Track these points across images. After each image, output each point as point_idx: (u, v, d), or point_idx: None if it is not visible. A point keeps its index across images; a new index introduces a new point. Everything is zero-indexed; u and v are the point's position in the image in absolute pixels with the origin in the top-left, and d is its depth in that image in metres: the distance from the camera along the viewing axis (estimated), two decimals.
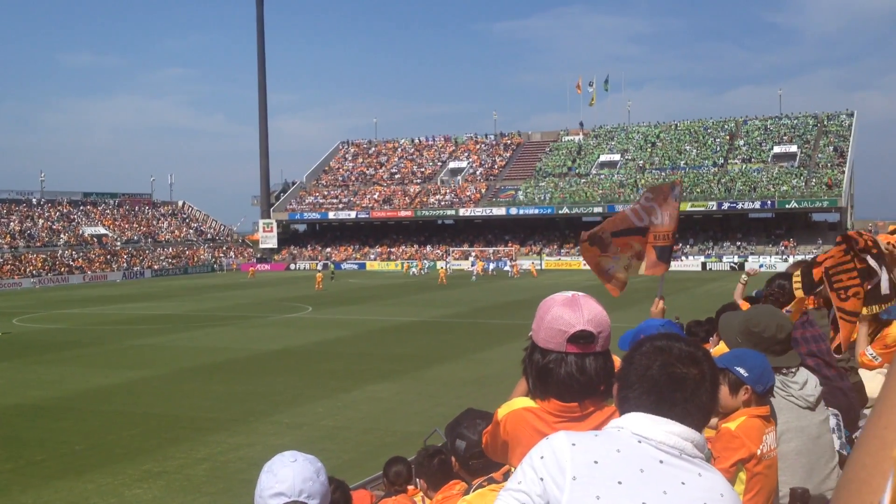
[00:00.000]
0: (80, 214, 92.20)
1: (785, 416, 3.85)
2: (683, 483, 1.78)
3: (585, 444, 1.82)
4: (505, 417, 2.66)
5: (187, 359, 28.73)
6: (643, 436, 1.83)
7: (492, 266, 75.95)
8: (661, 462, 1.79)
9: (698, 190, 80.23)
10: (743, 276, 9.79)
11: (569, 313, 2.50)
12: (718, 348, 5.43)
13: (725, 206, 77.85)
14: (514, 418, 2.63)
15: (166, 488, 14.81)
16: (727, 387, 3.51)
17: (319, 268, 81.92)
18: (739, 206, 77.49)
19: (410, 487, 5.96)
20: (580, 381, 2.50)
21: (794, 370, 3.97)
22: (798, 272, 5.54)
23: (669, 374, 1.91)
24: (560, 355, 2.50)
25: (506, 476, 2.73)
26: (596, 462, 1.77)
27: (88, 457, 16.84)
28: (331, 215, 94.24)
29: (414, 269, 76.90)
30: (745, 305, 6.89)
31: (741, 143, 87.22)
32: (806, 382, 3.93)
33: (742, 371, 3.51)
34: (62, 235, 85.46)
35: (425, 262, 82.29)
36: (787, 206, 75.59)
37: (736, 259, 74.67)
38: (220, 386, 23.93)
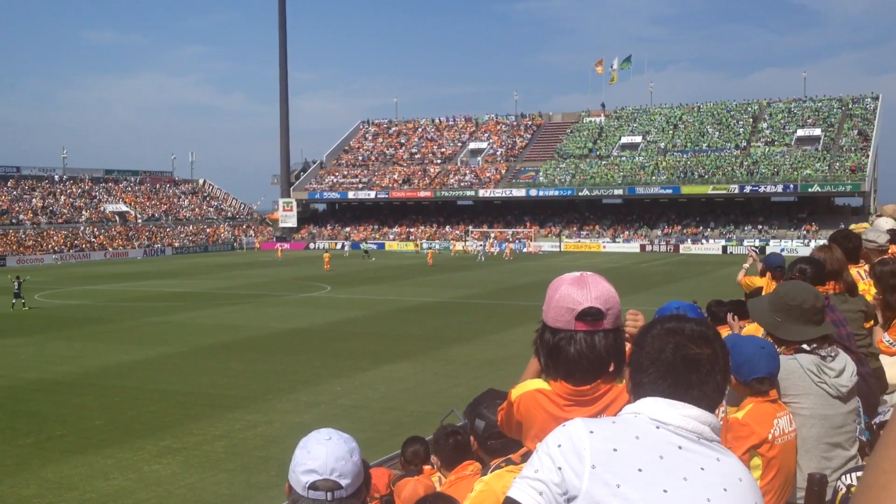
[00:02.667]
0: (102, 191, 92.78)
1: (812, 402, 3.80)
2: (703, 468, 1.76)
3: (603, 431, 1.79)
4: (518, 398, 2.66)
5: (207, 336, 28.92)
6: (661, 420, 1.81)
7: (478, 245, 75.62)
8: (679, 448, 1.77)
9: (720, 173, 79.69)
10: (745, 264, 9.75)
11: (576, 291, 2.50)
12: (749, 328, 5.40)
13: (747, 189, 77.29)
14: (527, 400, 2.63)
15: (185, 464, 14.94)
16: None
17: (338, 247, 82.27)
18: (762, 189, 76.90)
19: (427, 467, 5.97)
20: (590, 359, 2.50)
21: (833, 355, 3.90)
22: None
23: (683, 356, 1.88)
24: (569, 333, 2.51)
25: (524, 458, 2.71)
26: (615, 450, 1.75)
27: (108, 432, 17.01)
28: (350, 195, 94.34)
29: (481, 251, 72.10)
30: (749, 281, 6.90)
31: (764, 125, 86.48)
32: (843, 370, 3.85)
33: None
34: (84, 212, 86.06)
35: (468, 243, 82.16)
36: (809, 189, 74.97)
37: (757, 243, 74.19)
38: (238, 364, 24.08)
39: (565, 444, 1.78)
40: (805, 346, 3.90)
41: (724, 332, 5.87)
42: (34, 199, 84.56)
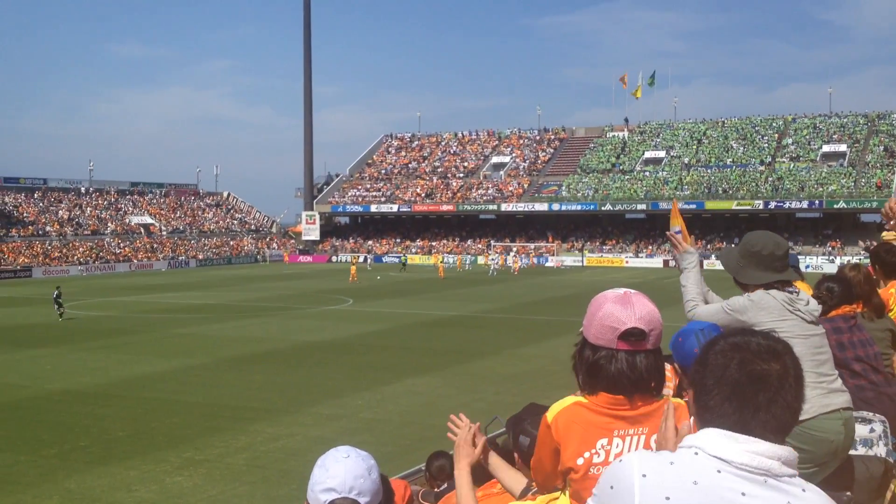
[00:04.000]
0: (128, 203, 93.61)
1: (790, 325, 3.93)
2: None
3: (658, 475, 1.68)
4: (556, 416, 2.62)
5: (229, 348, 29.04)
6: (723, 459, 1.68)
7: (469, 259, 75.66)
8: (743, 494, 1.64)
9: (745, 189, 79.27)
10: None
11: (620, 310, 2.50)
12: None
13: (772, 205, 76.80)
14: (566, 414, 2.60)
15: (207, 476, 14.98)
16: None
17: (361, 259, 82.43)
18: (787, 205, 76.40)
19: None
20: (630, 378, 2.49)
21: (797, 292, 4.08)
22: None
23: (749, 373, 1.75)
24: (611, 352, 2.51)
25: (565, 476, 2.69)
26: (668, 498, 1.65)
27: (131, 443, 17.09)
28: (373, 208, 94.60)
29: (494, 265, 72.14)
30: None
31: (789, 141, 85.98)
32: (808, 301, 4.05)
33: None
34: (109, 224, 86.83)
35: (468, 257, 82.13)
36: (835, 206, 74.40)
37: None
38: (260, 376, 24.15)
39: (617, 485, 1.71)
40: (774, 285, 4.07)
41: None
42: (61, 211, 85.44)
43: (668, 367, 3.15)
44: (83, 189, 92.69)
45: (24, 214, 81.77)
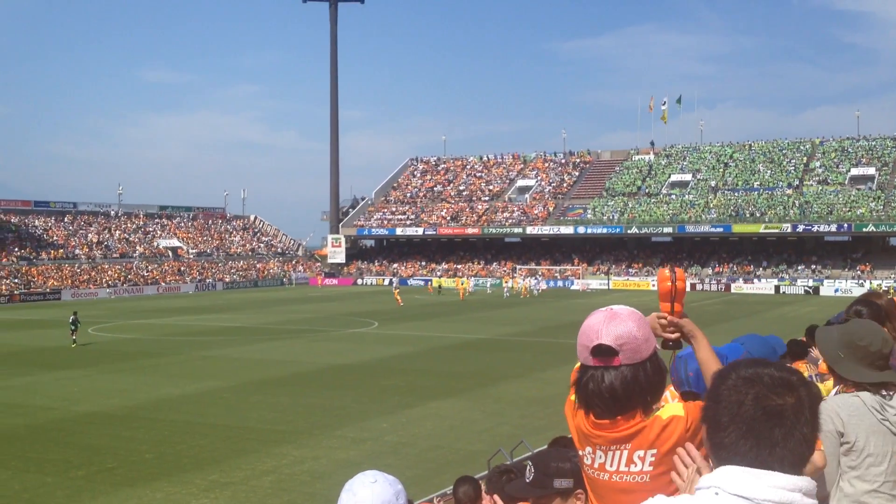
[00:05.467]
0: (156, 227, 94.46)
1: (877, 440, 3.76)
2: None
3: None
4: (567, 404, 2.72)
5: (255, 371, 29.12)
6: (745, 497, 1.65)
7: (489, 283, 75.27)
8: None
9: (773, 212, 78.72)
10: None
11: (594, 326, 2.53)
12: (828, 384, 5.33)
13: (800, 228, 76.17)
14: (569, 408, 2.70)
15: (232, 499, 14.99)
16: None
17: (385, 283, 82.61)
18: (815, 228, 75.73)
19: None
20: (601, 396, 2.49)
21: (891, 394, 3.85)
22: None
23: (765, 409, 1.71)
24: (589, 369, 2.54)
25: None
26: None
27: (158, 465, 17.15)
28: (398, 231, 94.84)
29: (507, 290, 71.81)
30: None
31: (817, 164, 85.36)
32: None
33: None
34: (137, 247, 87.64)
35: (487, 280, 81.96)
36: (864, 229, 73.65)
37: (811, 283, 72.95)
38: (286, 399, 24.18)
39: None
40: (867, 386, 3.86)
41: (802, 367, 5.74)
42: (90, 234, 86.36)
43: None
44: (112, 212, 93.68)
45: (54, 237, 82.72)
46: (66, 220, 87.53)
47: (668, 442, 2.45)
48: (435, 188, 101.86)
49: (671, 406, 2.59)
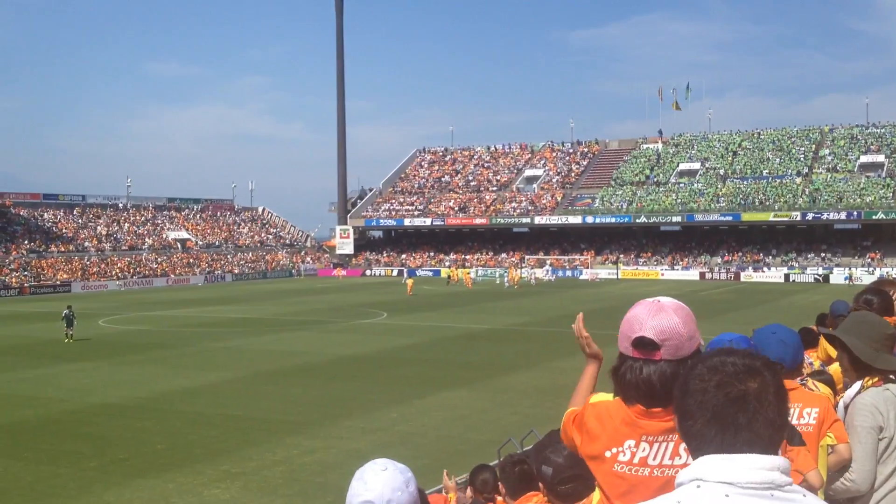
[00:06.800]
0: (165, 219, 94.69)
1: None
2: None
3: None
4: (591, 406, 2.69)
5: (265, 362, 29.22)
6: (728, 482, 1.67)
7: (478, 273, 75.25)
8: None
9: (782, 200, 78.47)
10: None
11: (639, 318, 2.51)
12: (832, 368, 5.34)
13: (810, 216, 75.93)
14: (600, 407, 2.66)
15: (243, 489, 15.07)
16: None
17: (394, 274, 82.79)
18: (824, 216, 75.49)
19: (500, 499, 5.95)
20: (640, 388, 2.49)
21: None
22: None
23: (727, 395, 1.75)
24: (628, 359, 2.53)
25: None
26: None
27: (169, 456, 17.24)
28: (406, 222, 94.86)
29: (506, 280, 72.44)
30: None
31: (826, 152, 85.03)
32: None
33: None
34: (147, 239, 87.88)
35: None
36: (873, 216, 73.38)
37: (820, 271, 72.75)
38: (296, 389, 24.26)
39: None
40: (892, 377, 3.87)
41: (813, 355, 5.76)
42: (99, 227, 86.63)
43: None
44: (121, 205, 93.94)
45: (64, 230, 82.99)
46: (75, 212, 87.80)
47: None
48: (442, 178, 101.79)
49: None
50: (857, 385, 4.08)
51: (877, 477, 3.87)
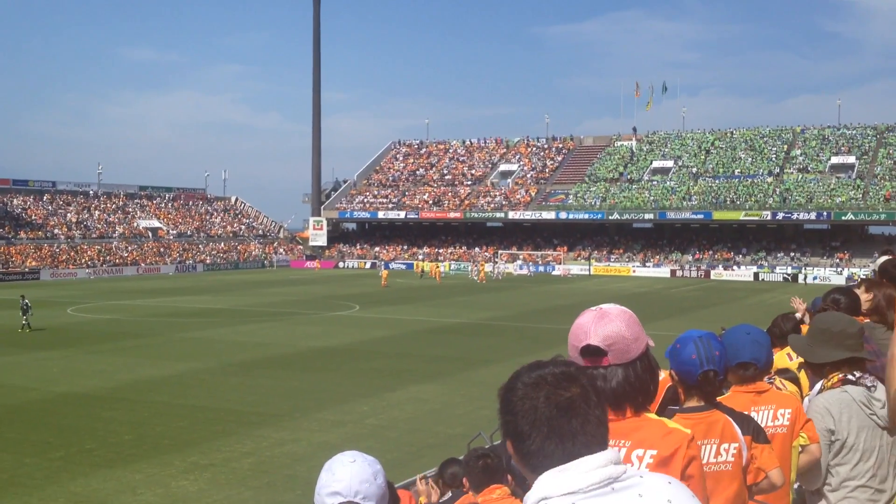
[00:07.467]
0: (136, 207, 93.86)
1: (867, 435, 3.87)
2: None
3: None
4: None
5: (235, 353, 29.09)
6: (571, 492, 1.70)
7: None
8: None
9: (753, 199, 79.15)
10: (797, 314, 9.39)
11: (582, 327, 2.54)
12: (779, 354, 5.38)
13: (780, 216, 76.63)
14: None
15: (212, 481, 15.00)
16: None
17: (367, 266, 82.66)
18: (794, 216, 76.20)
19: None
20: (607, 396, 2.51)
21: (875, 385, 3.91)
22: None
23: (557, 405, 1.78)
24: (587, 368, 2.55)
25: None
26: None
27: (137, 446, 17.13)
28: (380, 215, 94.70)
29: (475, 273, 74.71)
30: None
31: (798, 152, 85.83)
32: (884, 401, 3.86)
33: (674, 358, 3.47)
34: (117, 227, 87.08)
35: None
36: (843, 217, 74.19)
37: (789, 270, 73.50)
38: (266, 381, 24.18)
39: None
40: (850, 377, 3.91)
41: (783, 354, 5.78)
42: (69, 214, 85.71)
43: (662, 373, 3.15)
44: (92, 192, 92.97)
45: (33, 217, 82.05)
46: (45, 199, 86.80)
47: (668, 447, 2.53)
48: (417, 172, 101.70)
49: (679, 421, 2.76)
50: (817, 387, 4.13)
51: (835, 477, 3.91)
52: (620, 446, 2.52)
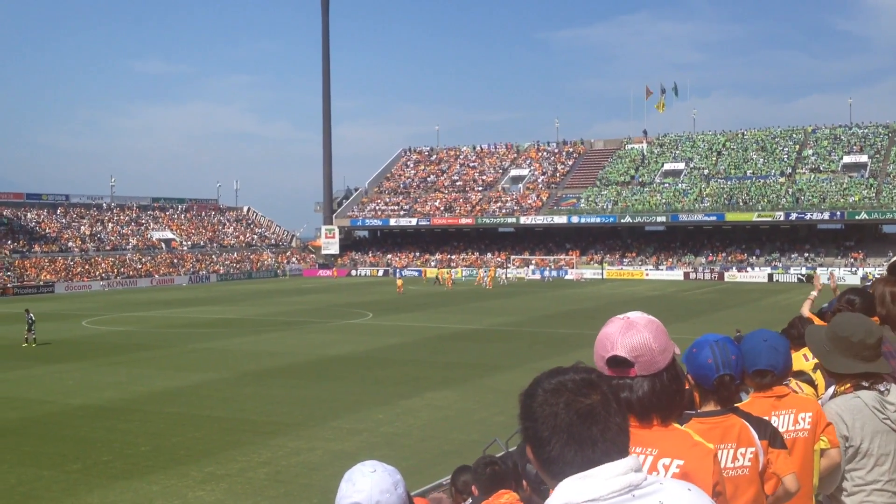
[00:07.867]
0: (149, 219, 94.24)
1: (881, 441, 3.83)
2: None
3: None
4: None
5: (250, 363, 29.13)
6: (593, 499, 1.70)
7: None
8: None
9: (765, 200, 78.85)
10: (812, 292, 9.30)
11: (611, 336, 2.50)
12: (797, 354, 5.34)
13: (793, 216, 76.30)
14: None
15: (228, 491, 15.01)
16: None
17: (379, 274, 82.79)
18: (808, 216, 75.85)
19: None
20: (632, 407, 2.49)
21: (888, 388, 3.88)
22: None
23: (578, 412, 1.78)
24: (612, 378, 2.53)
25: None
26: None
27: (153, 458, 17.17)
28: (392, 222, 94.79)
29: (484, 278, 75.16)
30: (815, 320, 6.70)
31: (810, 152, 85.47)
32: None
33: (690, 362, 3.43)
34: (131, 239, 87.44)
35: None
36: (856, 217, 73.82)
37: (804, 271, 73.15)
38: (281, 390, 24.20)
39: None
40: (863, 382, 3.87)
41: (798, 355, 5.74)
42: (83, 227, 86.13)
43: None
44: (105, 205, 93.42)
45: (47, 230, 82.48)
46: (58, 212, 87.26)
47: (695, 460, 2.51)
48: (428, 178, 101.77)
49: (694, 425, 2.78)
50: (830, 390, 4.10)
51: (850, 482, 3.89)
52: (647, 454, 2.50)
